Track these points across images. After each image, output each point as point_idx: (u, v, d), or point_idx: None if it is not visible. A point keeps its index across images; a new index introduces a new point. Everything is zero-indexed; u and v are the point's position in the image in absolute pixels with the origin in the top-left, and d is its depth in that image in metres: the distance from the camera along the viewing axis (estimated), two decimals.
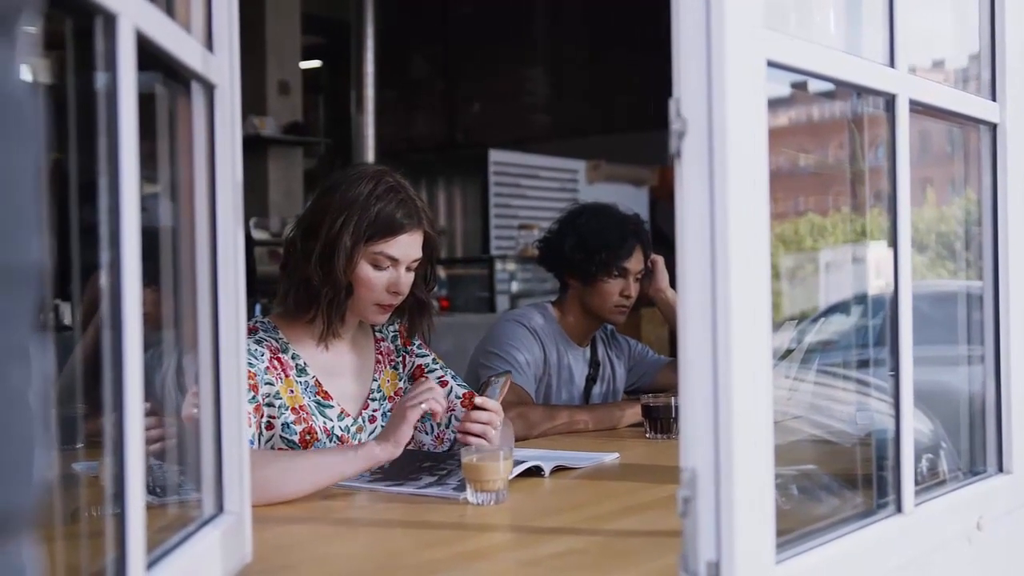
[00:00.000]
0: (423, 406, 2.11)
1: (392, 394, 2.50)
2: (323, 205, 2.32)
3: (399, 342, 2.55)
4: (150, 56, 1.17)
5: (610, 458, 2.50)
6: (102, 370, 1.08)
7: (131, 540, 1.06)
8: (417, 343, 2.57)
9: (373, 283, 2.32)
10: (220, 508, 1.45)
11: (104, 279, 1.06)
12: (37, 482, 0.64)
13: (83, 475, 1.48)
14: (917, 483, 1.64)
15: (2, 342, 0.61)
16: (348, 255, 2.28)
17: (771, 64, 1.31)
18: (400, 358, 2.55)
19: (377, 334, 2.54)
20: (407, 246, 2.34)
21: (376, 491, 2.09)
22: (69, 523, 1.28)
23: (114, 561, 1.06)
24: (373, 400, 2.46)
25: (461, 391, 2.52)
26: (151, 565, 1.15)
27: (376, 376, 2.48)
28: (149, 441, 1.19)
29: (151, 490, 1.34)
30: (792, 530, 1.40)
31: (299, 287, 2.33)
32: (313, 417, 2.32)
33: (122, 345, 1.06)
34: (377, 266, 2.32)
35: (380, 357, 2.51)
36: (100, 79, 1.07)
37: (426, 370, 2.54)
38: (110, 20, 1.04)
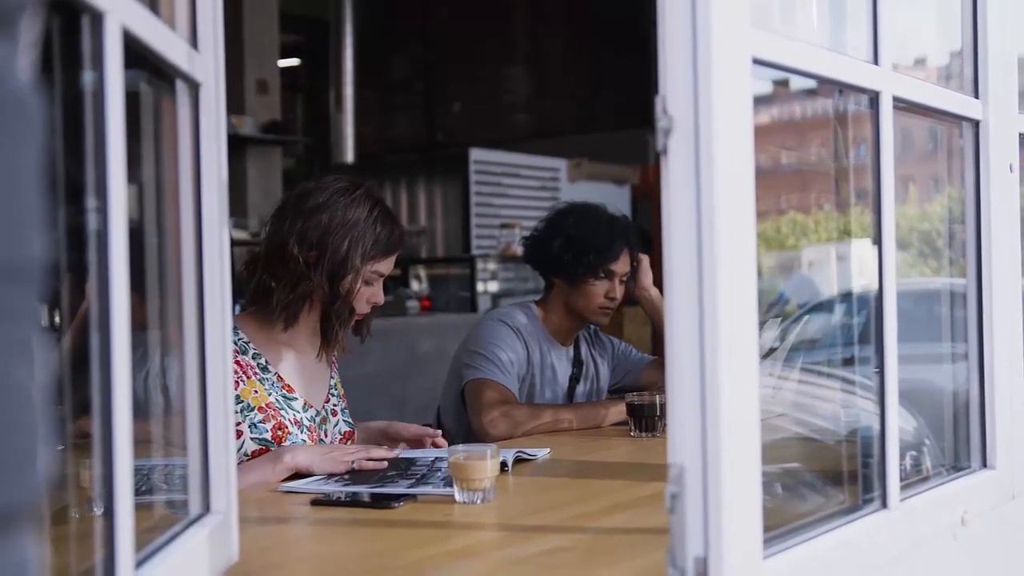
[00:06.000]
0: (354, 465, 2.26)
1: (342, 394, 2.65)
2: (319, 222, 2.40)
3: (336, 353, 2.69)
4: (135, 54, 1.16)
5: (542, 454, 2.51)
6: (85, 371, 1.07)
7: (120, 540, 1.05)
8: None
9: (361, 298, 2.46)
10: (207, 508, 1.45)
11: (91, 281, 1.06)
12: (40, 478, 0.64)
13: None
14: (901, 479, 1.65)
15: (7, 337, 0.61)
16: (356, 276, 2.42)
17: (757, 61, 1.31)
18: (337, 368, 2.69)
19: None
20: (393, 263, 2.52)
21: (360, 494, 2.07)
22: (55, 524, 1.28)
23: (103, 561, 1.05)
24: (333, 395, 2.60)
25: (345, 428, 2.63)
26: (139, 564, 1.15)
27: (332, 374, 2.63)
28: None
29: (136, 490, 1.33)
30: (779, 526, 1.40)
31: (301, 300, 2.42)
32: (282, 412, 2.42)
33: (110, 345, 1.05)
34: (367, 282, 2.46)
35: (333, 359, 2.64)
36: (86, 77, 1.06)
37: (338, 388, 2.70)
38: (97, 18, 1.04)
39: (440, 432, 2.63)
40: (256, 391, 2.39)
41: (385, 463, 2.28)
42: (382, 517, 1.91)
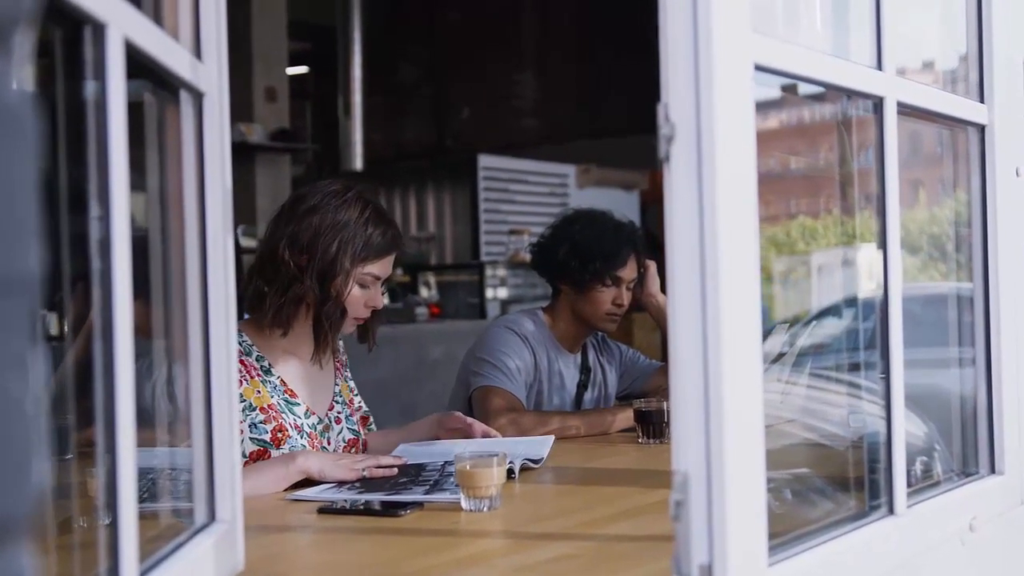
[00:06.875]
0: (365, 473, 2.26)
1: (347, 400, 2.64)
2: (310, 224, 2.42)
3: (345, 357, 2.71)
4: (138, 64, 1.17)
5: (547, 446, 2.53)
6: (92, 380, 1.07)
7: (124, 549, 1.06)
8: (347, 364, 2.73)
9: (356, 301, 2.46)
10: (212, 517, 1.45)
11: (94, 289, 1.06)
12: (35, 489, 0.65)
13: None
14: (911, 485, 1.64)
15: (2, 349, 0.62)
16: (346, 277, 2.42)
17: (759, 68, 1.31)
18: (347, 372, 2.70)
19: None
20: (390, 265, 2.51)
21: (369, 502, 2.07)
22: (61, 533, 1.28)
23: (107, 570, 1.06)
24: (337, 403, 2.60)
25: (349, 436, 2.62)
26: (144, 574, 1.15)
27: (337, 381, 2.62)
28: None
29: (141, 499, 1.33)
30: (785, 532, 1.40)
31: (293, 303, 2.42)
32: (283, 415, 2.42)
33: (113, 355, 1.06)
34: (362, 285, 2.46)
35: (338, 365, 2.65)
36: (89, 88, 1.07)
37: (354, 392, 2.70)
38: (99, 29, 1.04)
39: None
40: (259, 391, 2.40)
41: (395, 470, 2.28)
42: (389, 525, 1.91)
